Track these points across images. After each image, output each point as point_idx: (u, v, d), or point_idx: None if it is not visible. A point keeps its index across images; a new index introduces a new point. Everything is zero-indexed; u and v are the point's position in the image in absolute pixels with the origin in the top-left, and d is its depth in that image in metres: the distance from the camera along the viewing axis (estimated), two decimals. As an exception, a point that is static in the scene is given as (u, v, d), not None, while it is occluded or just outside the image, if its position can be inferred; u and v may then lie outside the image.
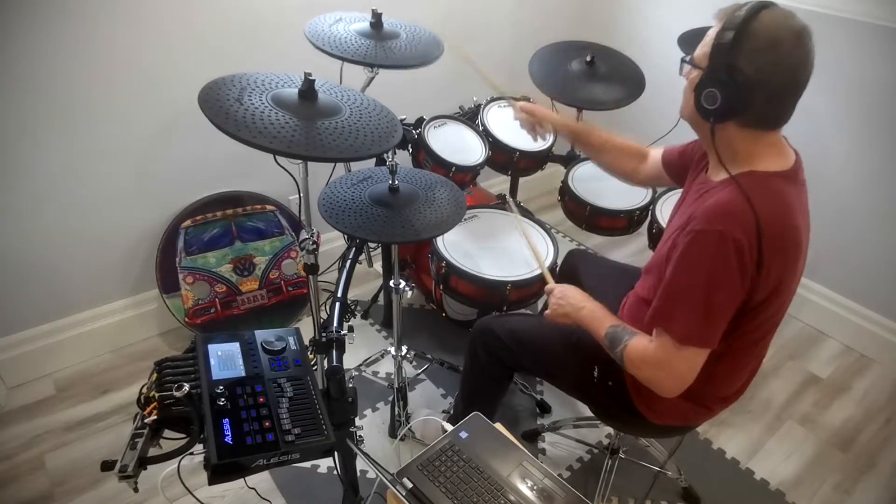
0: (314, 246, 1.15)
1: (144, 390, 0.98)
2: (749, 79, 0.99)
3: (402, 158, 1.67)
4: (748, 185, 1.03)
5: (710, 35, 1.04)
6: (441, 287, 1.77)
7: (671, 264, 1.09)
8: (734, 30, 0.99)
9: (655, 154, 1.51)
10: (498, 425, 1.23)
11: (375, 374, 2.10)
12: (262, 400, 1.00)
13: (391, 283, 1.60)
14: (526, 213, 2.00)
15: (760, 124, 1.06)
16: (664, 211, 1.94)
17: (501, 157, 2.00)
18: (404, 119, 1.84)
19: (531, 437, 1.89)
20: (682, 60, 1.11)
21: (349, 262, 1.68)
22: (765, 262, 1.02)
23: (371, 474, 1.73)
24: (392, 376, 1.89)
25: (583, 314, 1.27)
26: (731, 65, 1.00)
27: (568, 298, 1.32)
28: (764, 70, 0.99)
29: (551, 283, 1.42)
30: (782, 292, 1.10)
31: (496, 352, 1.52)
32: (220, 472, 0.90)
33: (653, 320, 1.12)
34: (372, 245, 2.18)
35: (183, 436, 0.96)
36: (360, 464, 1.40)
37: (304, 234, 1.17)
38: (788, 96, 1.03)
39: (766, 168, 1.06)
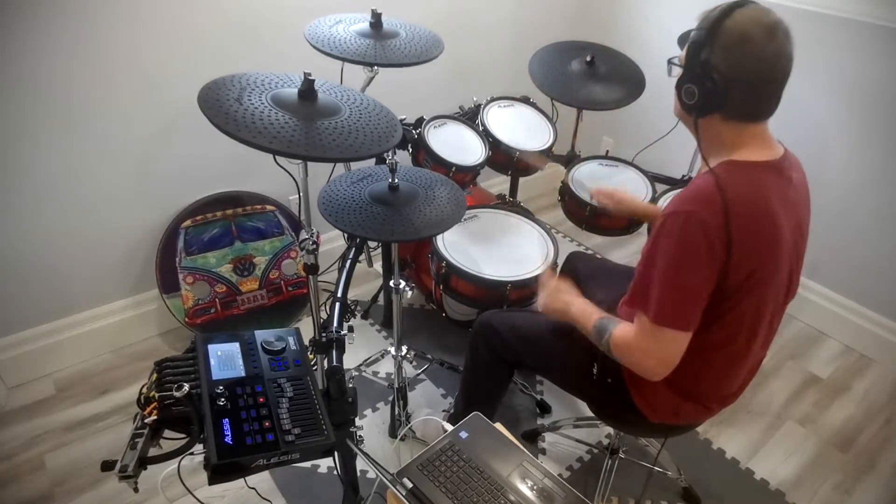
0: (314, 246, 1.15)
1: (144, 390, 0.98)
2: (723, 74, 1.03)
3: (402, 159, 1.67)
4: (722, 171, 1.07)
5: (691, 35, 1.08)
6: (441, 287, 1.77)
7: (647, 248, 1.12)
8: (707, 28, 1.03)
9: None
10: (498, 425, 1.23)
11: (375, 374, 2.10)
12: (262, 400, 1.00)
13: (391, 283, 1.60)
14: (526, 213, 2.00)
15: (744, 117, 1.08)
16: (664, 211, 1.93)
17: (501, 157, 2.00)
18: (404, 119, 1.84)
19: (531, 437, 1.89)
20: (669, 62, 1.15)
21: (349, 262, 1.68)
22: (734, 244, 1.03)
23: (371, 474, 1.73)
24: (392, 376, 1.89)
25: (573, 311, 1.30)
26: (706, 61, 1.04)
27: (561, 295, 1.35)
28: (736, 65, 1.02)
29: (547, 278, 1.44)
30: (761, 282, 1.09)
31: (497, 347, 1.52)
32: (220, 472, 0.90)
33: (631, 303, 1.14)
34: (372, 245, 2.18)
35: (183, 436, 0.96)
36: (360, 464, 1.40)
37: (304, 234, 1.17)
38: (766, 90, 1.06)
39: (747, 158, 1.09)
